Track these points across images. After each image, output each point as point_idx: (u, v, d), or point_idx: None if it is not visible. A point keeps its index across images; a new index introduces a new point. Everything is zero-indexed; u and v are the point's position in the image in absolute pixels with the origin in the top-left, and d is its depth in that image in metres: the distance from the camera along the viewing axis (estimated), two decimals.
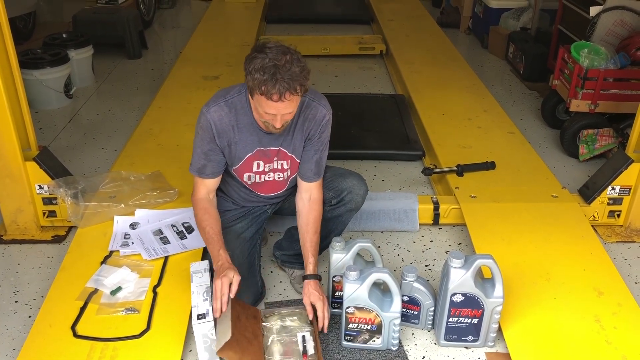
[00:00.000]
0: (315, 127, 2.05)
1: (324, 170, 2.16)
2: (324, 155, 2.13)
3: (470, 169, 2.96)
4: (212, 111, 1.97)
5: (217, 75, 4.24)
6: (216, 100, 2.00)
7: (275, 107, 1.81)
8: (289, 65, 1.77)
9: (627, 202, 2.72)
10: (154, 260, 2.34)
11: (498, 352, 2.05)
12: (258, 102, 1.84)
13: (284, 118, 1.87)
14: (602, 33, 3.70)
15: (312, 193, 2.14)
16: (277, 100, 1.78)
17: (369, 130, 3.58)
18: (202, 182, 2.09)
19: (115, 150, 3.38)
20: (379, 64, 5.00)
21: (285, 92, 1.76)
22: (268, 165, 2.10)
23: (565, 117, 3.68)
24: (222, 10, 6.22)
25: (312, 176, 2.12)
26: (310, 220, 2.12)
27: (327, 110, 2.06)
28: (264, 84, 1.76)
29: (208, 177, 2.08)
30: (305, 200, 2.14)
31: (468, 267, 1.90)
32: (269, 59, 1.76)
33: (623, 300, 2.19)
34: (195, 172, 2.08)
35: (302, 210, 2.14)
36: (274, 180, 2.15)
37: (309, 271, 2.08)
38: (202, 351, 1.90)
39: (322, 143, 2.10)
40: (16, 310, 2.23)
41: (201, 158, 2.05)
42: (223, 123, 1.98)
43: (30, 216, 2.63)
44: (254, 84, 1.79)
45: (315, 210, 2.13)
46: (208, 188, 2.11)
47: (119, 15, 4.99)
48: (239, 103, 1.99)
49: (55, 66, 3.96)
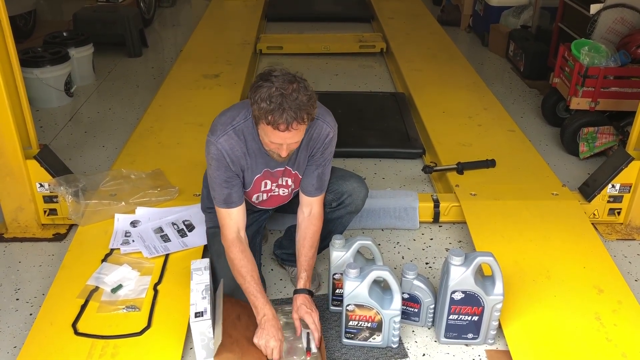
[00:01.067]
0: (319, 145, 2.02)
1: (326, 185, 2.12)
2: (326, 171, 2.09)
3: (470, 166, 2.96)
4: (222, 141, 1.91)
5: (218, 74, 4.24)
6: (223, 129, 1.93)
7: (282, 137, 1.78)
8: (296, 94, 1.73)
9: (627, 200, 2.72)
10: (155, 258, 2.34)
11: (498, 350, 2.05)
12: (264, 131, 1.81)
13: (290, 147, 1.85)
14: (602, 31, 3.69)
15: (312, 208, 2.11)
16: (284, 130, 1.75)
17: (369, 128, 3.58)
18: (231, 215, 1.98)
19: (116, 148, 3.38)
20: (379, 62, 5.00)
21: (292, 122, 1.73)
22: (274, 184, 2.09)
23: (565, 115, 3.68)
24: (223, 8, 6.22)
25: (313, 191, 2.09)
26: (307, 235, 2.09)
27: (331, 128, 2.01)
28: (270, 114, 1.72)
29: (236, 205, 1.99)
30: (306, 215, 2.11)
31: (468, 265, 1.90)
32: (275, 88, 1.72)
33: (623, 297, 2.19)
34: (223, 205, 1.98)
35: (302, 224, 2.12)
36: (279, 195, 2.14)
37: (300, 285, 2.02)
38: (199, 349, 1.91)
39: (324, 159, 2.06)
40: (17, 308, 2.24)
41: (223, 188, 1.97)
42: (235, 151, 1.93)
43: (31, 214, 2.63)
44: (259, 113, 1.75)
45: (315, 226, 2.10)
46: (238, 224, 2.00)
47: (120, 13, 4.99)
48: (246, 129, 1.93)
49: (56, 64, 3.96)
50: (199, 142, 2.59)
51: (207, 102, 3.68)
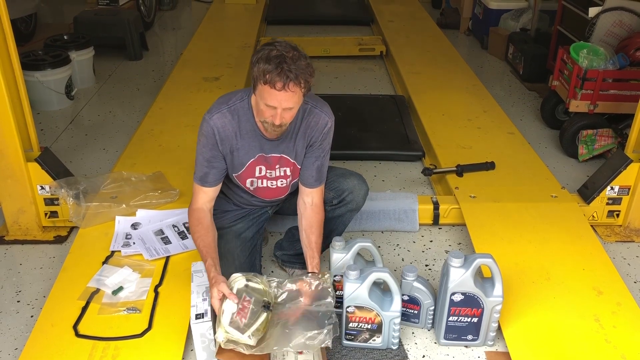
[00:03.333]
0: (317, 134, 2.05)
1: (325, 176, 2.15)
2: (325, 162, 2.12)
3: (470, 169, 2.97)
4: (214, 118, 1.97)
5: (218, 77, 4.25)
6: (218, 107, 1.99)
7: (277, 98, 1.79)
8: (296, 59, 1.77)
9: (626, 202, 2.73)
10: (155, 260, 2.35)
11: (498, 351, 2.06)
12: (260, 94, 1.83)
13: (284, 116, 1.86)
14: (601, 34, 3.71)
15: (313, 198, 2.13)
16: (280, 89, 1.77)
17: (369, 131, 3.59)
18: (203, 191, 2.07)
19: (117, 151, 3.39)
20: (379, 65, 5.01)
21: (289, 81, 1.76)
22: (270, 172, 2.10)
23: (564, 117, 3.69)
24: (223, 11, 6.23)
25: (313, 182, 2.11)
26: (314, 224, 2.10)
27: (329, 118, 2.05)
28: (268, 72, 1.76)
29: (210, 186, 2.06)
30: (307, 205, 2.13)
31: (468, 267, 1.91)
32: (276, 50, 1.77)
33: (622, 299, 2.20)
34: (198, 182, 2.06)
35: (304, 212, 2.13)
36: (277, 187, 2.15)
37: (314, 270, 2.04)
38: (200, 350, 1.91)
39: (323, 150, 2.09)
40: (18, 310, 2.24)
41: (204, 166, 2.03)
42: (226, 129, 1.97)
43: (32, 217, 2.64)
44: (258, 73, 1.78)
45: (319, 215, 2.12)
46: (207, 197, 2.08)
47: (120, 16, 5.00)
48: (241, 110, 1.98)
49: (57, 68, 3.97)
50: None
51: (207, 105, 3.65)
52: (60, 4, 6.49)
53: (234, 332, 1.75)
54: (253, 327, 1.77)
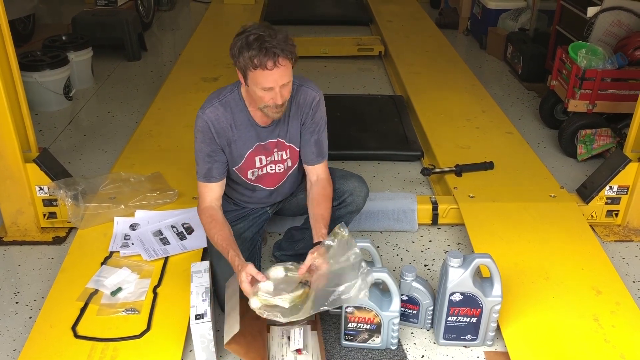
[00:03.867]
0: (307, 110, 2.06)
1: (326, 151, 2.15)
2: (323, 137, 2.12)
3: (468, 169, 2.97)
4: (207, 112, 1.98)
5: (217, 77, 4.25)
6: (210, 102, 2.00)
7: (272, 77, 1.80)
8: (274, 35, 1.79)
9: (624, 202, 2.73)
10: (154, 261, 2.35)
11: (497, 351, 2.06)
12: (254, 81, 1.83)
13: (283, 93, 1.85)
14: (599, 33, 3.71)
15: (318, 174, 2.13)
16: (272, 67, 1.77)
17: (367, 131, 3.59)
18: (209, 188, 2.05)
19: (115, 151, 3.39)
20: (378, 65, 5.01)
21: (277, 57, 1.77)
22: (269, 158, 2.10)
23: (563, 117, 3.70)
24: (221, 12, 6.23)
25: (314, 158, 2.12)
26: (318, 197, 2.07)
27: (316, 92, 2.08)
28: (255, 57, 1.77)
29: (215, 181, 2.04)
30: (313, 182, 2.13)
31: (466, 267, 1.91)
32: (252, 35, 1.78)
33: (621, 299, 2.20)
34: (203, 179, 2.04)
35: (310, 190, 2.13)
36: (275, 173, 2.15)
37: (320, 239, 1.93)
38: (199, 351, 1.91)
39: (316, 124, 2.09)
40: (17, 311, 2.24)
41: (205, 162, 2.02)
42: (220, 122, 1.98)
43: (30, 217, 2.64)
44: (245, 62, 1.79)
45: (324, 188, 2.10)
46: (215, 194, 2.06)
47: (118, 17, 5.00)
48: (232, 101, 1.99)
49: (55, 68, 3.96)
50: None
51: None
52: (59, 4, 6.48)
53: (268, 296, 1.76)
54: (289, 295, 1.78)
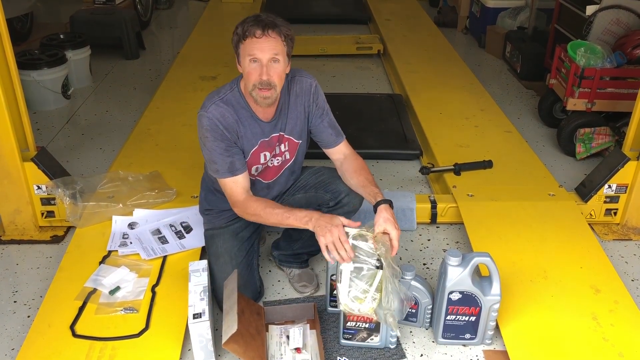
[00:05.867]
0: (307, 97, 2.08)
1: (341, 129, 2.17)
2: (331, 117, 2.15)
3: (467, 167, 2.97)
4: (211, 110, 1.96)
5: (215, 76, 4.24)
6: (210, 100, 1.99)
7: (259, 45, 1.84)
8: (272, 17, 1.88)
9: (623, 200, 2.73)
10: (153, 260, 2.34)
11: (496, 350, 2.06)
12: (244, 53, 1.87)
13: (269, 71, 1.86)
14: (598, 32, 3.71)
15: (344, 152, 2.16)
16: (261, 35, 1.82)
17: (366, 130, 3.58)
18: (236, 182, 1.99)
19: (113, 150, 3.38)
20: (377, 64, 5.00)
21: (267, 28, 1.83)
22: (273, 153, 2.11)
23: (562, 115, 3.69)
24: (220, 10, 6.22)
25: (335, 139, 2.15)
26: (356, 167, 2.09)
27: (311, 79, 2.11)
28: (247, 29, 1.83)
29: (240, 172, 1.99)
30: (342, 160, 2.15)
31: (465, 265, 1.90)
32: (252, 16, 1.87)
33: (620, 297, 2.20)
34: (228, 174, 1.98)
35: (343, 165, 2.13)
36: (273, 166, 2.15)
37: (379, 198, 1.93)
38: (198, 350, 1.91)
39: (322, 109, 2.12)
40: (15, 310, 2.24)
41: (225, 157, 1.97)
42: (226, 118, 1.97)
43: (28, 216, 2.63)
44: (237, 36, 1.86)
45: (357, 159, 2.13)
46: (244, 185, 2.01)
47: (117, 16, 4.99)
48: (233, 98, 1.99)
49: (53, 67, 3.95)
50: (196, 144, 2.57)
51: None
52: (57, 3, 6.44)
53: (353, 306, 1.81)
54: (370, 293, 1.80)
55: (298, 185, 2.26)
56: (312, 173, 2.25)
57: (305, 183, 2.25)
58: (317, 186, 2.21)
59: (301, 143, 2.14)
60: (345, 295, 1.82)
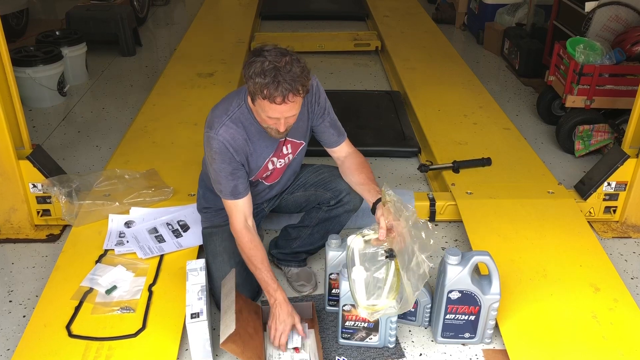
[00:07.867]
0: (309, 97, 2.05)
1: (342, 129, 2.18)
2: (333, 116, 2.14)
3: (466, 165, 2.96)
4: (222, 132, 1.92)
5: (212, 73, 4.22)
6: (220, 120, 1.94)
7: (279, 111, 1.79)
8: (289, 67, 1.74)
9: (622, 198, 2.72)
10: (149, 259, 2.33)
11: (495, 349, 2.05)
12: (261, 107, 1.81)
13: (288, 122, 1.86)
14: (597, 29, 3.70)
15: (346, 150, 2.17)
16: (281, 102, 1.75)
17: (364, 127, 3.57)
18: (237, 206, 2.00)
19: (110, 148, 3.36)
20: (375, 61, 4.99)
21: (288, 93, 1.74)
22: (280, 155, 2.10)
23: (561, 113, 3.68)
24: (217, 7, 6.19)
25: (337, 139, 2.15)
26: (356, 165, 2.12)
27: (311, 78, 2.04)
28: (265, 88, 1.73)
29: (242, 196, 2.00)
30: (343, 158, 2.17)
31: (464, 264, 1.89)
32: (268, 62, 1.73)
33: (619, 296, 2.19)
34: (230, 197, 1.99)
35: (344, 164, 2.16)
36: (277, 168, 2.14)
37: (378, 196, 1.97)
38: (195, 350, 1.90)
39: (323, 108, 2.10)
40: (10, 310, 2.22)
41: (229, 180, 1.97)
42: (237, 140, 1.94)
43: (24, 215, 2.61)
44: (255, 88, 1.76)
45: (358, 157, 2.15)
46: (245, 212, 2.02)
47: (113, 12, 4.96)
48: (242, 116, 1.95)
49: (49, 64, 3.93)
50: (193, 142, 2.57)
51: (201, 102, 3.64)
52: None
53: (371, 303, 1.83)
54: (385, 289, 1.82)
55: (297, 184, 2.25)
56: (311, 171, 2.24)
57: (305, 181, 2.23)
58: (317, 184, 2.20)
59: (303, 144, 2.13)
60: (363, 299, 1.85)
